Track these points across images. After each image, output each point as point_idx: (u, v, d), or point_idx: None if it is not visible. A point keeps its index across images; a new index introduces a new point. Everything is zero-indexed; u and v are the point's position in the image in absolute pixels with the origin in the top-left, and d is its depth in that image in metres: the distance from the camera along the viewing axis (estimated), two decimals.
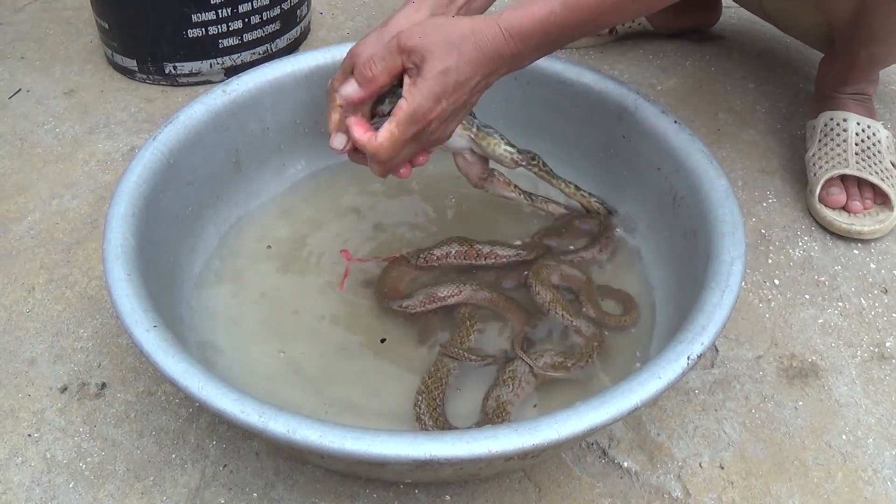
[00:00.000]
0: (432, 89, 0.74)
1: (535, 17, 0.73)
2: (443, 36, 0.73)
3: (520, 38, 0.74)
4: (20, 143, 1.21)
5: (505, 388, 0.80)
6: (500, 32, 0.74)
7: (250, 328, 0.88)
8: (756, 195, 1.13)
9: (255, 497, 0.80)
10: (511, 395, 0.80)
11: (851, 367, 0.92)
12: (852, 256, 1.05)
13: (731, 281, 0.75)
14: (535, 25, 0.74)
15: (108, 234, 0.78)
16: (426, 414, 0.78)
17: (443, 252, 0.92)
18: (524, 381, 0.81)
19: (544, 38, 0.75)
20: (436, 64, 0.73)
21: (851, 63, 1.10)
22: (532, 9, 0.74)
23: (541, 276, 0.89)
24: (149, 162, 0.85)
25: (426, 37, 0.73)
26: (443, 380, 0.81)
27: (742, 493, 0.81)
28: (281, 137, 1.00)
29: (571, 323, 0.86)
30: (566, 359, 0.82)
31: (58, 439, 0.85)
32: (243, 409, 0.64)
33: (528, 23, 0.73)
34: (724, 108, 1.27)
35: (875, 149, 1.09)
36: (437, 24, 0.74)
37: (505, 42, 0.74)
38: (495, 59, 0.75)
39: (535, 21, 0.73)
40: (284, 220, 0.99)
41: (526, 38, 0.74)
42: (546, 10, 0.73)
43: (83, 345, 0.93)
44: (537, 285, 0.89)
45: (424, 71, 0.73)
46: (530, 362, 0.81)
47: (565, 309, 0.87)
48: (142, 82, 1.32)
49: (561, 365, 0.82)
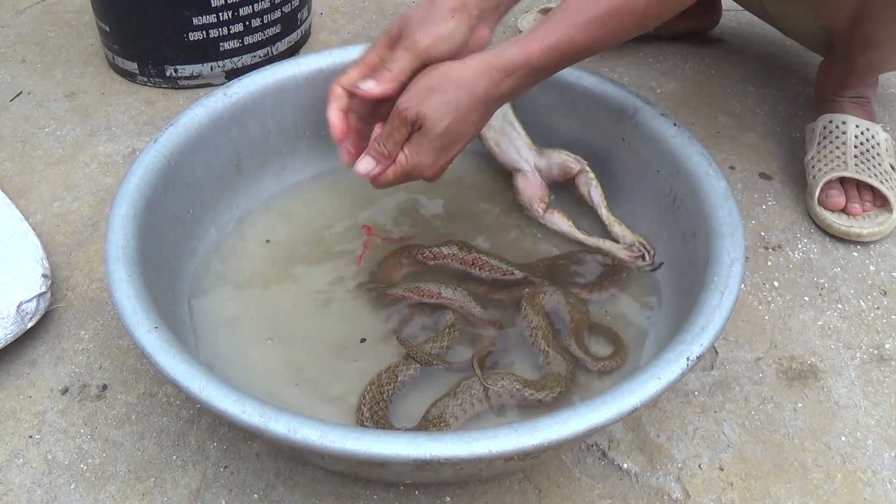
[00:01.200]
0: (433, 147, 0.78)
1: (531, 55, 0.76)
2: (441, 99, 0.76)
3: (513, 74, 0.76)
4: (21, 145, 1.21)
5: (453, 400, 0.79)
6: (488, 72, 0.76)
7: (251, 329, 0.88)
8: (755, 197, 1.13)
9: (256, 498, 0.80)
10: (456, 408, 0.78)
11: (851, 369, 0.93)
12: (851, 259, 1.05)
13: (730, 282, 0.75)
14: (528, 63, 0.76)
15: (110, 235, 0.78)
16: (366, 405, 0.79)
17: (443, 252, 0.92)
18: (475, 399, 0.79)
19: (536, 73, 0.78)
20: (434, 125, 0.76)
21: (850, 68, 1.10)
22: (527, 46, 0.76)
23: (535, 300, 0.88)
24: (150, 164, 0.86)
25: (423, 104, 0.76)
26: (398, 377, 0.81)
27: (741, 494, 0.81)
28: (282, 140, 1.01)
29: (546, 355, 0.83)
30: (525, 387, 0.79)
31: (59, 441, 0.85)
32: (244, 409, 0.64)
33: (521, 60, 0.76)
34: (724, 111, 1.28)
35: (874, 151, 1.10)
36: (430, 85, 0.76)
37: (499, 80, 0.77)
38: (490, 100, 0.78)
39: (529, 59, 0.76)
40: (285, 222, 0.99)
41: (520, 74, 0.77)
42: (540, 47, 0.76)
43: (84, 346, 0.94)
44: (527, 308, 0.87)
45: (424, 132, 0.77)
46: (483, 381, 0.80)
47: (546, 339, 0.84)
48: (143, 85, 1.33)
49: (517, 392, 0.79)
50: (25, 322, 0.91)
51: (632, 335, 0.87)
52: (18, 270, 0.94)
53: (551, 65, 0.77)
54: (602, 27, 0.77)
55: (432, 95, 0.76)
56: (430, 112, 0.76)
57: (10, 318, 0.89)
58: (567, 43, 0.76)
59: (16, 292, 0.91)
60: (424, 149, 0.77)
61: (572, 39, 0.76)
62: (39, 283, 0.93)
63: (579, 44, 0.77)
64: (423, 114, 0.76)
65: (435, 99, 0.76)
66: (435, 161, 0.79)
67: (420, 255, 0.92)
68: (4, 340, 0.89)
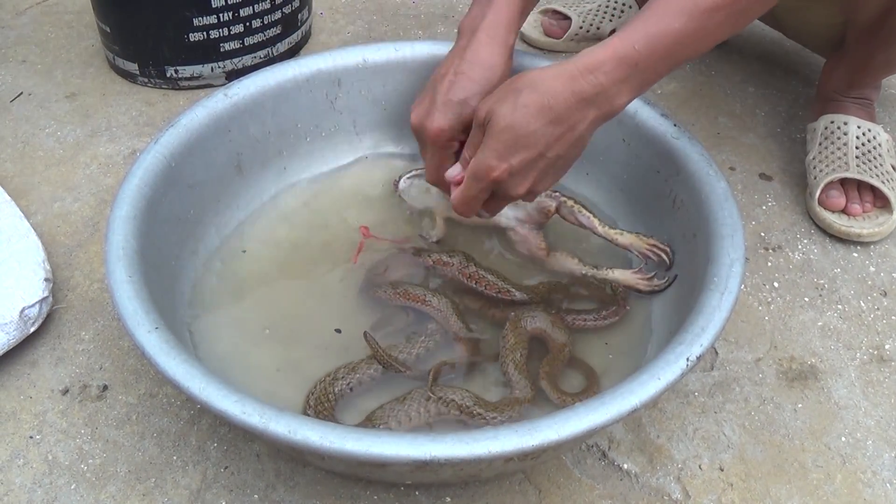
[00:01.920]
0: (494, 148, 0.73)
1: (616, 48, 0.70)
2: (505, 91, 0.73)
3: (597, 70, 0.70)
4: (22, 146, 1.21)
5: (399, 405, 0.78)
6: (567, 71, 0.71)
7: (251, 330, 0.88)
8: (755, 198, 1.13)
9: (256, 499, 0.80)
10: (401, 414, 0.77)
11: (851, 370, 0.93)
12: (852, 259, 1.05)
13: (730, 283, 0.75)
14: (615, 56, 0.70)
15: (110, 236, 0.78)
16: (314, 396, 0.79)
17: (444, 259, 0.91)
18: (422, 409, 0.78)
19: (628, 69, 0.70)
20: (498, 121, 0.72)
21: (863, 65, 1.09)
22: (611, 42, 0.71)
23: (519, 321, 0.86)
24: (150, 165, 0.86)
25: (495, 103, 0.73)
26: (357, 374, 0.81)
27: (741, 494, 0.81)
28: (282, 141, 1.01)
29: (510, 378, 0.82)
30: (475, 405, 0.78)
31: (59, 441, 0.85)
32: (244, 410, 0.64)
33: (603, 55, 0.70)
34: (724, 112, 1.28)
35: (875, 152, 1.10)
36: (510, 87, 0.73)
37: (580, 77, 0.70)
38: (570, 102, 0.71)
39: (614, 52, 0.70)
40: (285, 224, 0.99)
41: (606, 70, 0.70)
42: (627, 42, 0.70)
43: (85, 347, 0.94)
44: (509, 328, 0.85)
45: (488, 129, 0.74)
46: (428, 388, 0.79)
47: (515, 362, 0.82)
48: (143, 86, 1.33)
49: (467, 410, 0.78)
50: (28, 327, 0.91)
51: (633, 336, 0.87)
52: (21, 274, 0.93)
53: (646, 63, 0.70)
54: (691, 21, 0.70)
55: (506, 95, 0.73)
56: (497, 108, 0.72)
57: (13, 323, 0.89)
58: (656, 36, 0.70)
59: (19, 297, 0.91)
60: (486, 146, 0.73)
61: (661, 32, 0.70)
62: (42, 288, 0.93)
63: (670, 36, 0.70)
64: (491, 109, 0.73)
65: (507, 98, 0.72)
66: (499, 162, 0.73)
67: (426, 258, 0.92)
68: (7, 345, 0.89)
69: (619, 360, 0.86)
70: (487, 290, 0.89)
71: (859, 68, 1.10)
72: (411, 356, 0.84)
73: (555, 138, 0.73)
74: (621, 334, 0.88)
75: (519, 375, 0.82)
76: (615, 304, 0.88)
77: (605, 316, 0.88)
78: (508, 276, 0.91)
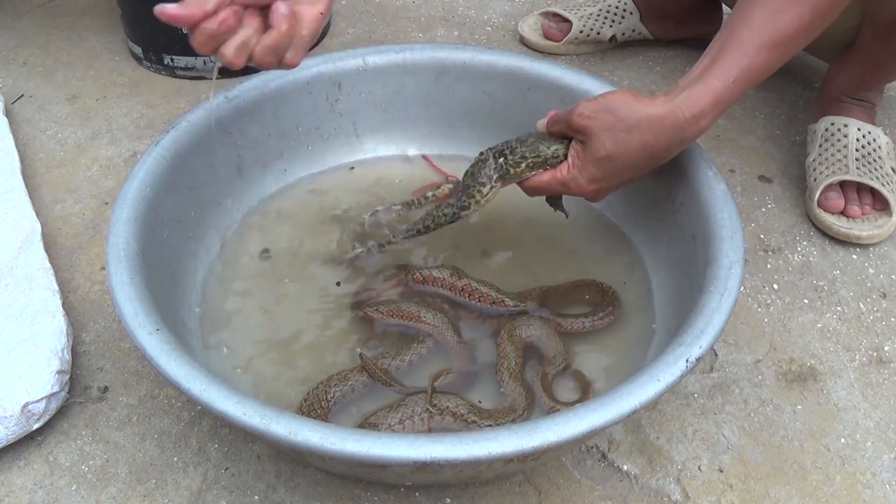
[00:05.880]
0: (590, 172, 0.80)
1: (716, 91, 0.76)
2: (612, 122, 0.77)
3: (703, 118, 0.77)
4: (23, 148, 1.21)
5: (393, 413, 0.78)
6: (679, 118, 0.76)
7: (252, 331, 0.88)
8: (755, 200, 1.13)
9: (257, 500, 0.80)
10: (395, 423, 0.77)
11: (850, 371, 0.93)
12: (851, 261, 1.05)
13: (729, 285, 0.75)
14: (715, 99, 0.76)
15: (111, 238, 0.78)
16: (307, 402, 0.79)
17: (433, 275, 0.91)
18: (416, 417, 0.78)
19: (724, 107, 0.78)
20: (598, 149, 0.78)
21: (876, 64, 1.09)
22: (710, 82, 0.76)
23: (514, 329, 0.86)
24: (151, 167, 0.86)
25: (595, 119, 0.77)
26: (348, 383, 0.81)
27: (741, 496, 0.81)
28: (283, 143, 1.01)
29: (506, 386, 0.82)
30: (469, 413, 0.78)
31: (60, 442, 0.85)
32: (245, 411, 0.64)
33: (706, 100, 0.76)
34: (724, 114, 1.27)
35: (875, 154, 1.10)
36: (612, 108, 0.77)
37: (687, 127, 0.77)
38: (672, 144, 0.78)
39: (715, 96, 0.76)
40: (286, 225, 0.99)
41: (709, 115, 0.77)
42: (724, 81, 0.76)
43: (85, 349, 0.94)
44: (504, 336, 0.85)
45: (587, 153, 0.78)
46: (427, 399, 0.79)
47: (509, 371, 0.82)
48: (147, 69, 1.36)
49: (460, 417, 0.78)
50: (31, 423, 0.82)
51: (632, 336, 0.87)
52: (33, 363, 0.84)
53: (735, 98, 0.78)
54: (774, 50, 0.77)
55: (612, 127, 0.77)
56: (602, 136, 0.77)
57: (13, 417, 0.80)
58: (746, 71, 0.76)
59: (24, 389, 0.82)
60: (584, 168, 0.80)
61: (750, 66, 0.77)
62: (51, 382, 0.83)
63: (756, 69, 0.77)
64: (590, 132, 0.78)
65: (613, 131, 0.77)
66: (590, 184, 0.81)
67: (411, 277, 0.91)
68: (6, 440, 0.81)
69: (618, 362, 0.86)
70: (482, 302, 0.89)
71: (871, 67, 1.10)
72: (404, 363, 0.84)
73: (646, 168, 0.81)
74: (621, 336, 0.88)
75: (514, 384, 0.82)
76: (610, 306, 0.88)
77: (601, 318, 0.88)
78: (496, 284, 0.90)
